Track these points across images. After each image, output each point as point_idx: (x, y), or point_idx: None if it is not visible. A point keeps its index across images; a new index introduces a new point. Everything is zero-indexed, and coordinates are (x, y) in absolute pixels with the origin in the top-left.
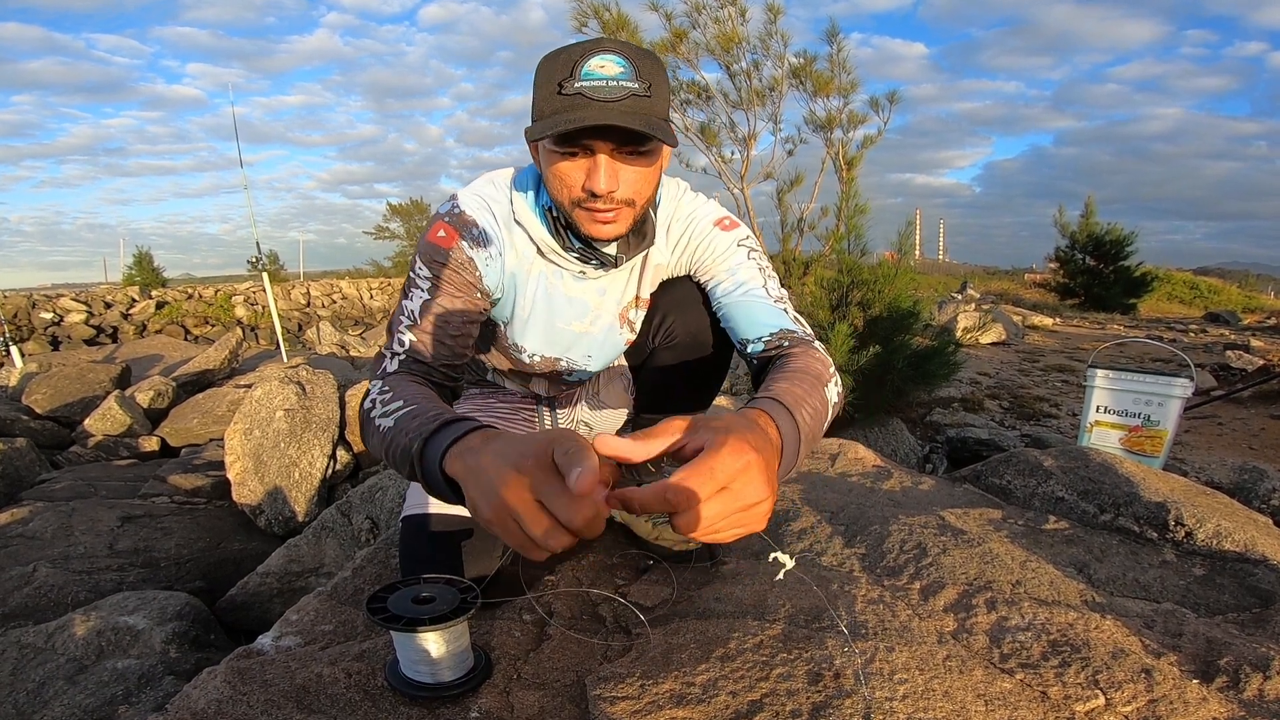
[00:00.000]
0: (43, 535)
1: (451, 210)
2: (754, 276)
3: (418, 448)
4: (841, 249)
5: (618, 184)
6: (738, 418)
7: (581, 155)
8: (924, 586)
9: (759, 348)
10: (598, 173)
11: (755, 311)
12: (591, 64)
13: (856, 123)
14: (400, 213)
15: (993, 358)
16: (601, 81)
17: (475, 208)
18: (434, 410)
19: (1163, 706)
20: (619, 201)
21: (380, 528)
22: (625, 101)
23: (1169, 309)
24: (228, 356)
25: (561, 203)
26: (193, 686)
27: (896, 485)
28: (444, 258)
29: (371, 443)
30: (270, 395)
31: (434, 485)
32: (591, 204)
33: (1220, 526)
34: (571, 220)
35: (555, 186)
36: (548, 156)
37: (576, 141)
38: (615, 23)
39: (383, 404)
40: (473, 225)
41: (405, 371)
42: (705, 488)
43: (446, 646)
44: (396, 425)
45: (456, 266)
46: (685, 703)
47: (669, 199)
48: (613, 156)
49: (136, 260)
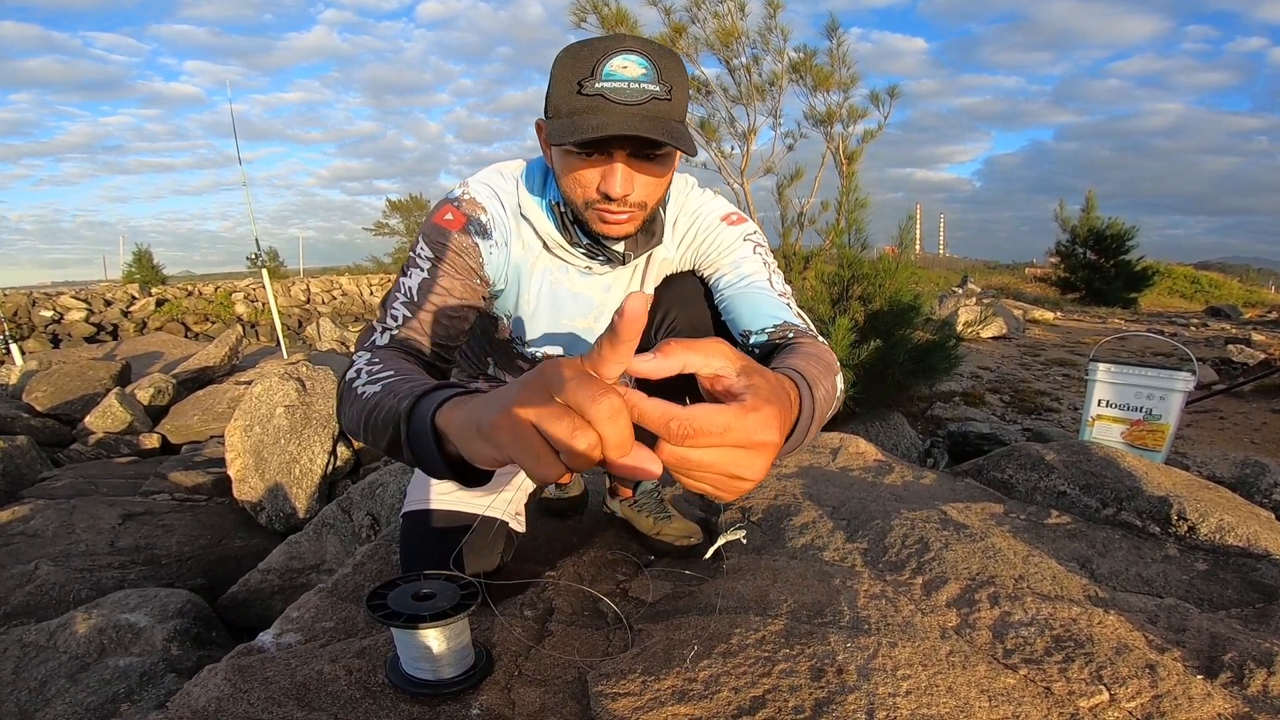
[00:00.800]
0: (44, 533)
1: (461, 195)
2: (758, 270)
3: (407, 405)
4: (842, 243)
5: (633, 188)
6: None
7: (598, 158)
8: (926, 581)
9: (761, 339)
10: (614, 178)
11: (758, 303)
12: (613, 64)
13: (857, 117)
14: (400, 209)
15: (993, 352)
16: (623, 83)
17: (485, 195)
18: (429, 380)
19: (1167, 702)
20: (633, 205)
21: (381, 524)
22: (646, 105)
23: (1170, 303)
24: (228, 353)
25: (574, 201)
26: (193, 684)
27: (898, 479)
28: (447, 239)
29: (349, 411)
30: (270, 391)
31: (419, 446)
32: (605, 206)
33: (1223, 521)
34: (582, 218)
35: (569, 186)
36: (563, 156)
37: (593, 145)
38: (614, 17)
39: (369, 374)
40: (480, 211)
41: (397, 348)
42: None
43: (447, 643)
44: (384, 389)
45: (460, 250)
46: (687, 699)
47: (677, 195)
48: (629, 161)
49: (136, 258)
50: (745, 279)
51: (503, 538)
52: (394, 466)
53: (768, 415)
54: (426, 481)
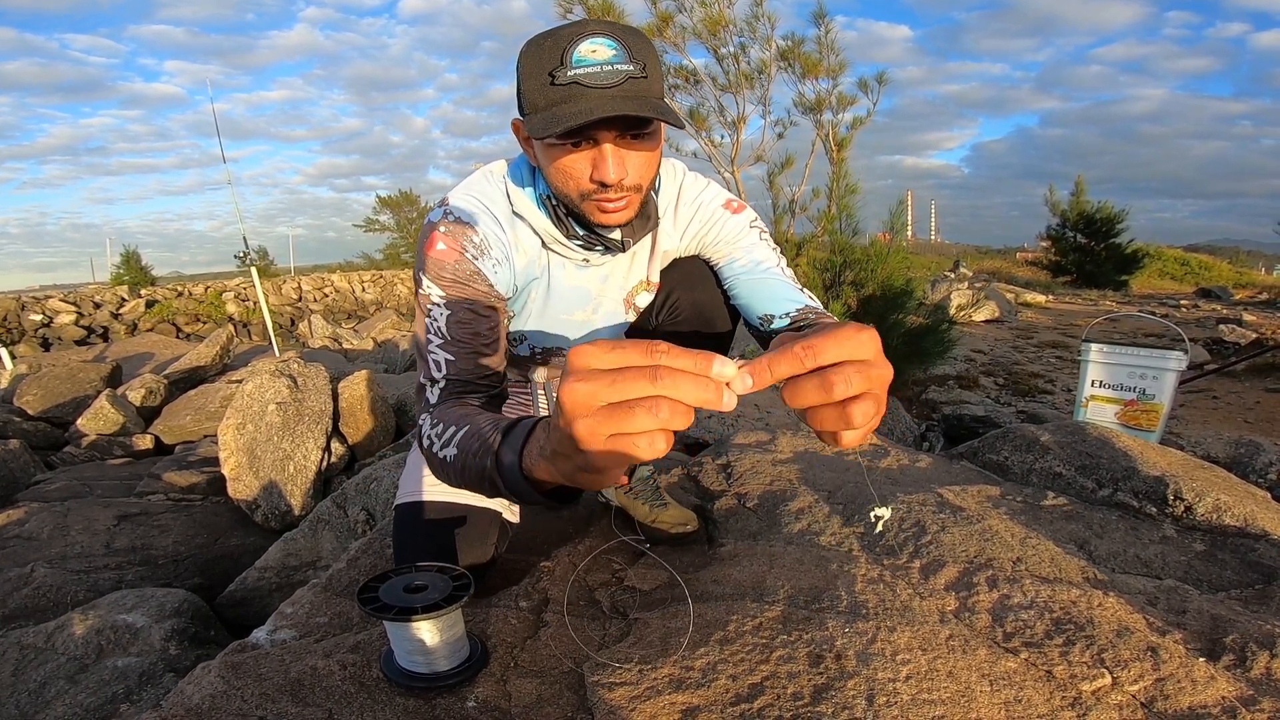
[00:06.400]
0: (39, 536)
1: (445, 217)
2: (770, 256)
3: (491, 465)
4: (834, 230)
5: (626, 171)
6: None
7: (585, 146)
8: (924, 565)
9: (784, 322)
10: (605, 163)
11: (777, 289)
12: (582, 49)
13: (846, 104)
14: (390, 205)
15: (987, 335)
16: (595, 67)
17: (471, 212)
18: (486, 424)
19: (1170, 685)
20: (628, 189)
21: (376, 519)
22: (624, 85)
23: (1161, 285)
24: (219, 352)
25: (568, 195)
26: (187, 682)
27: (894, 463)
28: (451, 273)
29: (445, 477)
30: (262, 389)
31: (521, 494)
32: (601, 194)
33: (1219, 501)
34: (579, 211)
35: (559, 180)
36: (547, 150)
37: (580, 133)
38: (600, 8)
39: (438, 437)
40: (470, 233)
41: (451, 398)
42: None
43: (441, 635)
44: (460, 450)
45: (465, 279)
46: (684, 687)
47: (669, 181)
48: (616, 143)
49: (124, 259)
50: (759, 264)
51: (496, 528)
52: (388, 461)
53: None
54: (418, 473)
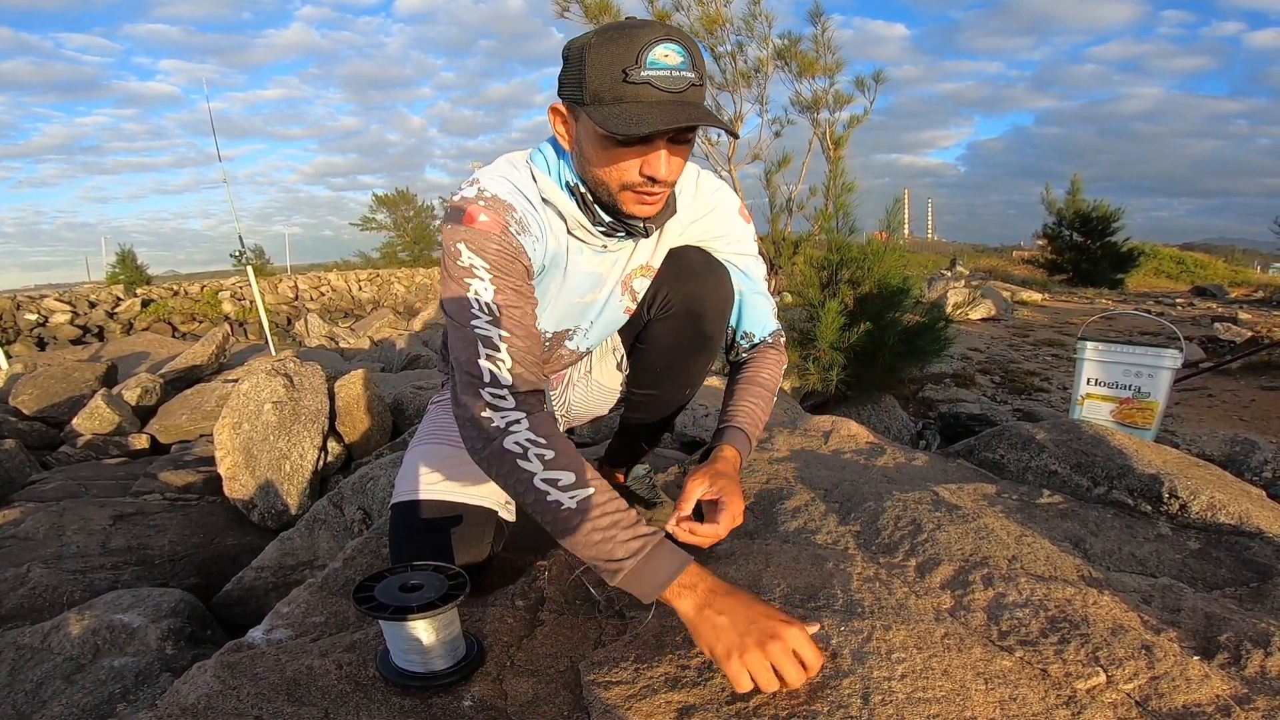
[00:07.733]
0: (35, 536)
1: (481, 194)
2: (761, 275)
3: (631, 565)
4: (830, 228)
5: (673, 170)
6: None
7: (640, 142)
8: (920, 564)
9: (754, 343)
10: (659, 162)
11: (759, 312)
12: (656, 52)
13: (842, 103)
14: (386, 203)
15: (983, 333)
16: (666, 71)
17: (506, 191)
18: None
19: (1165, 684)
20: (669, 185)
21: (373, 518)
22: (687, 93)
23: (1156, 284)
24: (215, 351)
25: (607, 184)
26: (183, 682)
27: (890, 461)
28: (497, 244)
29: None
30: (258, 388)
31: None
32: (644, 188)
33: (1214, 499)
34: (613, 200)
35: (604, 171)
36: (602, 141)
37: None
38: (597, 7)
39: (540, 459)
40: (511, 209)
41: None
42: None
43: (436, 634)
44: (580, 509)
45: (512, 254)
46: (680, 686)
47: (686, 172)
48: (668, 144)
49: (120, 258)
50: (754, 283)
51: (493, 527)
52: (384, 460)
53: (739, 498)
54: (415, 472)
